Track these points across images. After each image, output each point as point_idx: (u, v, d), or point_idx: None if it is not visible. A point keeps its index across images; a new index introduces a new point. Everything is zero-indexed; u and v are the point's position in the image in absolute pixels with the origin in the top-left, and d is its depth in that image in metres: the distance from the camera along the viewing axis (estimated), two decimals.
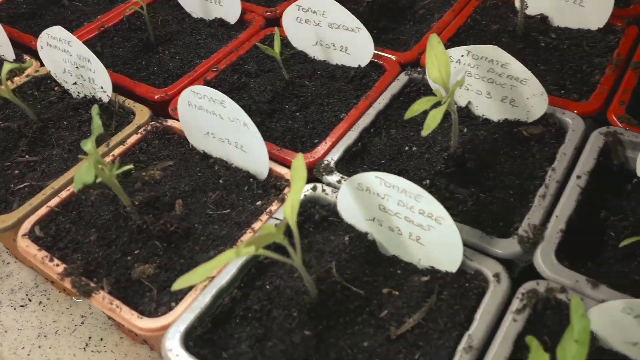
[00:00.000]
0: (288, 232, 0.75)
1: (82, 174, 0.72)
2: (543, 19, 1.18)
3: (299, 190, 0.67)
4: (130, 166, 0.81)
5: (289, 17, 1.15)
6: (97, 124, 0.82)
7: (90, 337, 1.05)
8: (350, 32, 1.08)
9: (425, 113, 1.00)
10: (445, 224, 0.72)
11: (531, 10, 1.18)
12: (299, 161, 0.69)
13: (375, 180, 0.75)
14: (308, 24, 1.13)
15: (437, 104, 0.80)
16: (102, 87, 1.06)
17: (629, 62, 1.05)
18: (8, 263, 1.13)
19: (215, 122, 0.91)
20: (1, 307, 1.05)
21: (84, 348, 1.04)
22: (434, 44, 0.84)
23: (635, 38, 1.10)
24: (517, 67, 0.92)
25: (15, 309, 1.05)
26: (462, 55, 0.95)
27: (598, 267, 0.79)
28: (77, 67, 1.07)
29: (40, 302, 1.08)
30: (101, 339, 1.04)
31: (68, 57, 1.07)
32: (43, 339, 1.03)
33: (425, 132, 0.73)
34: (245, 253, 0.61)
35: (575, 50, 1.10)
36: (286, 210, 0.66)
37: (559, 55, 1.09)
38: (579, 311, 0.55)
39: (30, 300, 1.06)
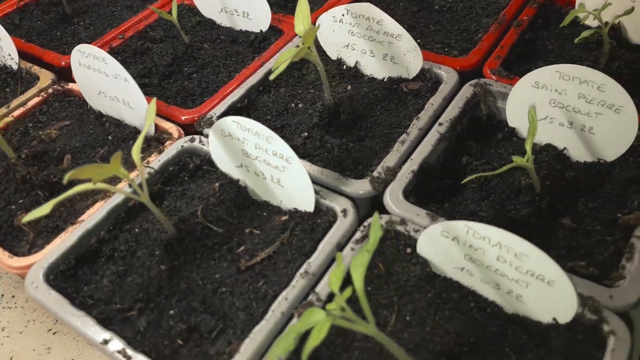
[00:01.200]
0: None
1: None
2: None
3: (147, 129, 0.71)
4: (9, 118, 0.85)
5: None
6: None
7: (2, 295, 1.09)
8: (252, 2, 1.12)
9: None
10: (294, 163, 0.76)
11: None
12: (152, 105, 0.74)
13: (233, 124, 0.79)
14: None
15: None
16: (9, 55, 1.10)
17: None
18: None
19: (102, 80, 0.95)
20: None
21: None
22: (300, 0, 0.89)
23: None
24: (390, 23, 0.96)
25: None
26: (343, 15, 0.99)
27: (454, 206, 0.83)
28: None
29: None
30: (13, 296, 1.09)
31: None
32: None
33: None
34: (83, 188, 0.66)
35: (467, 12, 1.14)
36: (133, 150, 0.71)
37: (450, 17, 1.13)
38: (376, 225, 0.59)
39: None
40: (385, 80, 1.01)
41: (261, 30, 1.15)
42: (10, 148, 0.86)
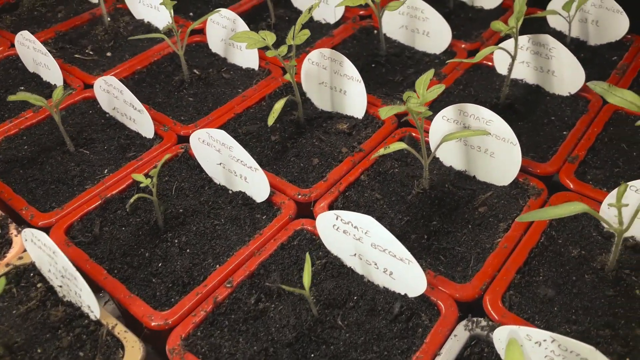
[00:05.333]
0: None
1: None
2: (634, 246, 0.96)
3: None
4: None
5: (324, 223, 0.94)
6: None
7: None
8: (398, 261, 0.88)
9: None
10: None
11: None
12: None
13: None
14: (347, 235, 0.93)
15: None
16: (89, 306, 0.86)
17: None
18: None
19: None
20: None
21: None
22: None
23: None
24: None
25: None
26: (544, 340, 0.74)
27: None
28: (62, 276, 0.88)
29: None
30: None
31: (53, 264, 0.88)
32: None
33: None
34: None
35: None
36: None
37: None
38: None
39: None
40: None
41: (406, 295, 0.90)
42: None
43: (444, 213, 1.05)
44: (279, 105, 1.15)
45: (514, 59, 1.19)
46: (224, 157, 1.08)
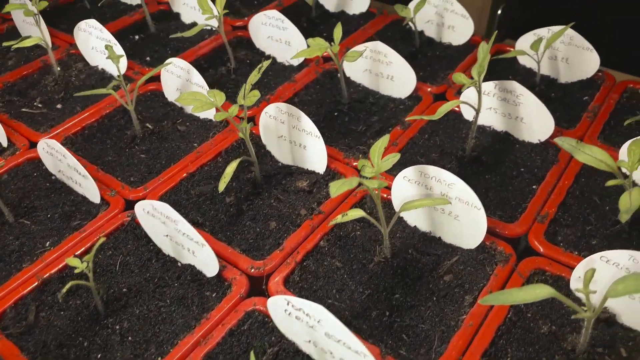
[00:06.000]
0: None
1: None
2: (607, 319, 0.90)
3: None
4: None
5: (276, 307, 0.87)
6: None
7: None
8: (353, 353, 0.81)
9: None
10: None
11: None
12: None
13: None
14: (300, 322, 0.86)
15: None
16: None
17: None
18: None
19: None
20: None
21: None
22: None
23: None
24: None
25: None
26: None
27: None
28: None
29: None
30: None
31: None
32: None
33: None
34: None
35: None
36: None
37: None
38: None
39: None
40: None
41: None
42: None
43: (407, 284, 0.98)
44: (230, 169, 1.08)
45: (477, 111, 1.13)
46: (170, 229, 1.00)
